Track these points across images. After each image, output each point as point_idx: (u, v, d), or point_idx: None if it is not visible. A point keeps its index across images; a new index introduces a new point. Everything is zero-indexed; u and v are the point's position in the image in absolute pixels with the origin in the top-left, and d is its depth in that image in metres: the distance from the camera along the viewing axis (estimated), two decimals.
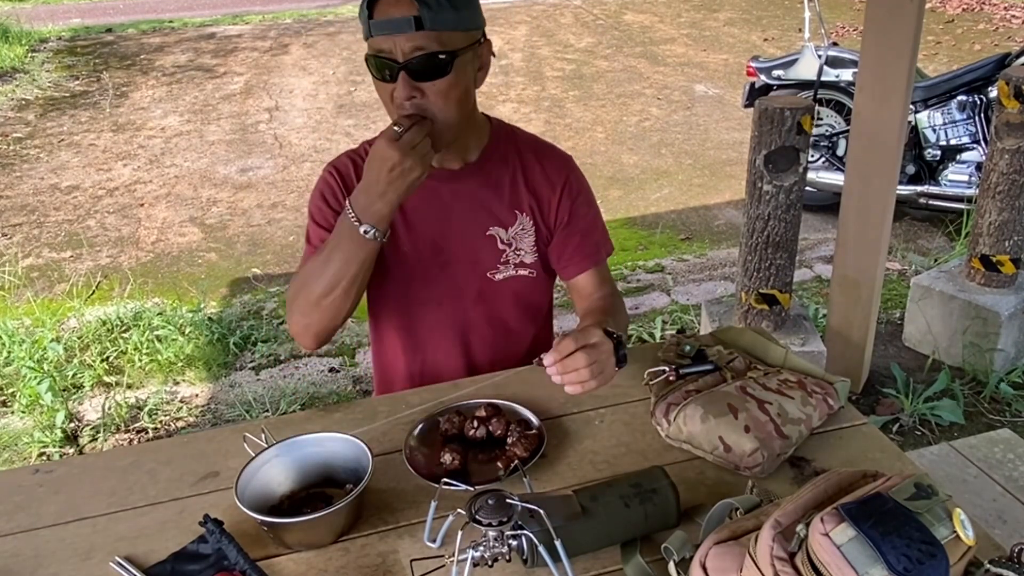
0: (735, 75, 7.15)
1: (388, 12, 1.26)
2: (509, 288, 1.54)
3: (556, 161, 1.54)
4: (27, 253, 4.48)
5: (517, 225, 1.51)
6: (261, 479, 1.17)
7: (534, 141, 1.56)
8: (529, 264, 1.54)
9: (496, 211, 1.50)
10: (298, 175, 5.40)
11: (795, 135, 2.57)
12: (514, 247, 1.52)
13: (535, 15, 9.86)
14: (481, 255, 1.51)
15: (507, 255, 1.52)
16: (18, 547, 1.17)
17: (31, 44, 8.91)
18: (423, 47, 1.27)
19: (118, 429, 2.96)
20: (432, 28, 1.26)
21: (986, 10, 8.94)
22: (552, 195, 1.51)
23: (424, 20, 1.25)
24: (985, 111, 3.99)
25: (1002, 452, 2.61)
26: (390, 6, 1.26)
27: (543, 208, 1.52)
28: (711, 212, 4.75)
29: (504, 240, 1.51)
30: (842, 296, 2.86)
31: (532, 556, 1.02)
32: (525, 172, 1.51)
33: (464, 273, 1.52)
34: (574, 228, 1.53)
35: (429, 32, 1.26)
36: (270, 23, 9.89)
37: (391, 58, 1.28)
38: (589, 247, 1.55)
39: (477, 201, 1.49)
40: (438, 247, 1.50)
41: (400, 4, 1.25)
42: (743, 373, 1.37)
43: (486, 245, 1.50)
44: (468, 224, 1.50)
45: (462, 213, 1.49)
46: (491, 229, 1.50)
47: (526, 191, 1.50)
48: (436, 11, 1.26)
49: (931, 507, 0.88)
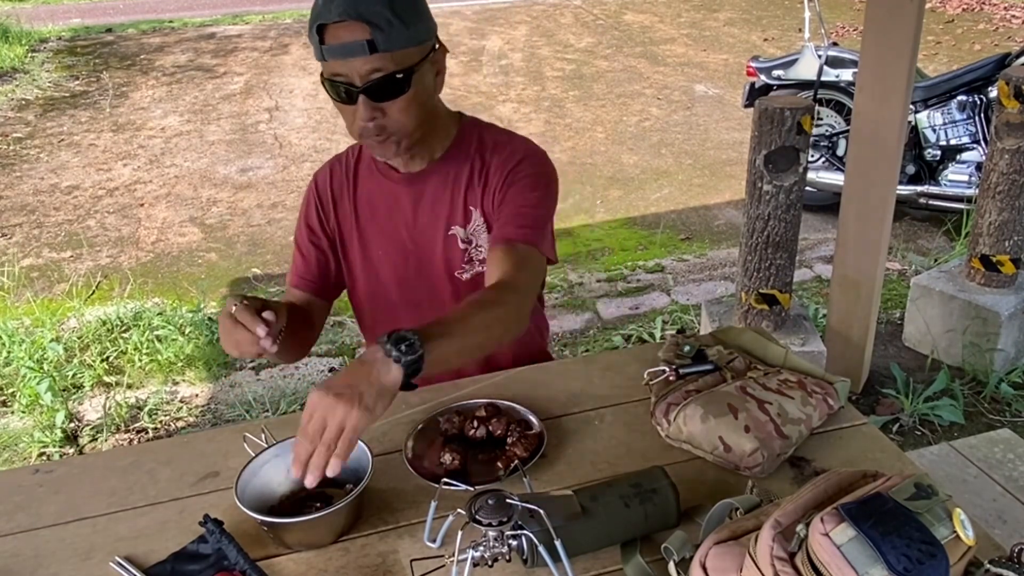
0: (735, 75, 7.15)
1: (340, 37, 1.25)
2: (478, 286, 1.50)
3: (510, 149, 1.47)
4: (27, 253, 4.48)
5: (473, 222, 1.49)
6: (261, 479, 1.17)
7: (499, 134, 1.51)
8: None
9: (454, 209, 1.49)
10: (298, 175, 5.40)
11: (795, 135, 2.57)
12: (474, 244, 1.50)
13: (535, 15, 9.86)
14: (447, 255, 1.51)
15: (469, 253, 1.50)
16: (18, 547, 1.17)
17: (31, 44, 8.90)
18: (380, 69, 1.26)
19: (118, 429, 2.96)
20: (386, 49, 1.25)
21: (986, 10, 8.93)
22: (498, 178, 1.45)
23: (377, 43, 1.24)
24: (985, 111, 3.99)
25: (1002, 452, 2.61)
26: (341, 30, 1.24)
27: (487, 194, 1.46)
28: (711, 212, 4.75)
29: (463, 238, 1.50)
30: (842, 296, 2.86)
31: (532, 556, 1.02)
32: (483, 164, 1.47)
33: (437, 274, 1.52)
34: (505, 206, 1.43)
35: (383, 54, 1.25)
36: (270, 23, 9.89)
37: (348, 82, 1.27)
38: (511, 224, 1.40)
39: (437, 200, 1.49)
40: (408, 250, 1.52)
41: (351, 28, 1.24)
42: (743, 373, 1.37)
43: (449, 245, 1.50)
44: (431, 225, 1.50)
45: (425, 214, 1.49)
46: (452, 228, 1.49)
47: (479, 184, 1.47)
48: (388, 32, 1.24)
49: (931, 507, 0.88)
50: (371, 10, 1.23)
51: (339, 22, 1.24)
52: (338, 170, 1.56)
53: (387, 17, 1.24)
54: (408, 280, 1.53)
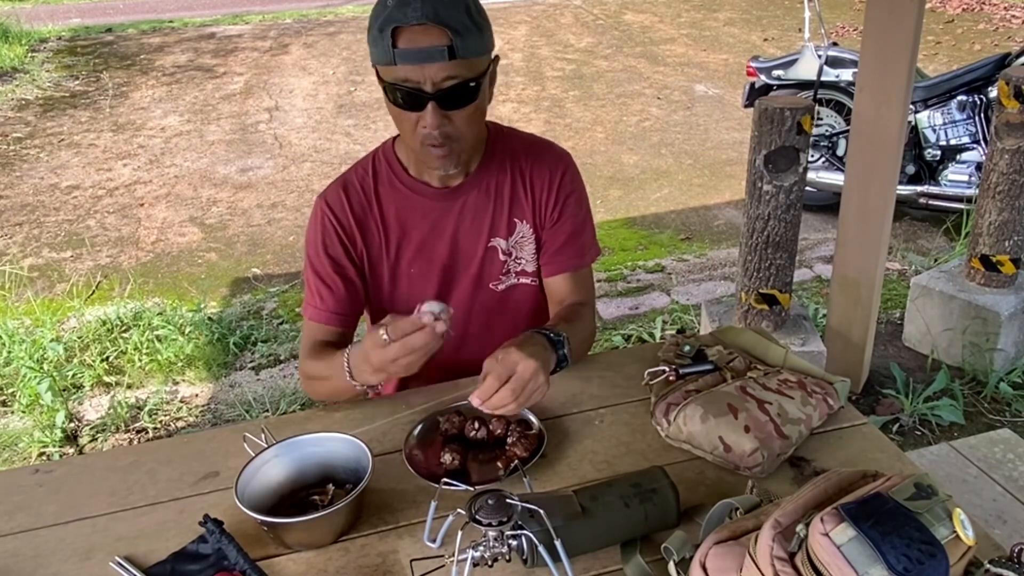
0: (735, 75, 7.15)
1: (417, 41, 1.21)
2: (512, 297, 1.53)
3: (551, 159, 1.50)
4: (27, 253, 4.48)
5: (517, 234, 1.49)
6: (261, 479, 1.17)
7: (529, 141, 1.53)
8: (531, 273, 1.53)
9: (496, 221, 1.48)
10: (298, 175, 5.40)
11: (795, 135, 2.57)
12: (514, 256, 1.50)
13: (535, 15, 9.86)
14: (484, 267, 1.50)
15: (508, 265, 1.51)
16: (18, 547, 1.17)
17: (31, 44, 8.91)
18: (455, 76, 1.24)
19: (118, 429, 2.96)
20: (464, 56, 1.23)
21: (986, 10, 8.94)
22: (547, 193, 1.48)
23: (457, 49, 1.21)
24: (985, 111, 3.99)
25: (1002, 452, 2.61)
26: (419, 35, 1.21)
27: (538, 209, 1.49)
28: (711, 212, 4.75)
29: (504, 250, 1.49)
30: (842, 296, 2.86)
31: (532, 556, 1.02)
32: (523, 176, 1.48)
33: (468, 286, 1.51)
34: (562, 227, 1.49)
35: (461, 60, 1.23)
36: (270, 23, 9.89)
37: (419, 88, 1.24)
38: (573, 249, 1.50)
39: (477, 213, 1.47)
40: (443, 265, 1.49)
41: (430, 33, 1.20)
42: (743, 373, 1.37)
43: (488, 257, 1.49)
44: (470, 238, 1.48)
45: (464, 228, 1.47)
46: (492, 240, 1.48)
47: (524, 196, 1.48)
48: (466, 38, 1.22)
49: (931, 507, 0.88)
50: (452, 15, 1.21)
51: (418, 24, 1.20)
52: (354, 193, 1.47)
53: (466, 23, 1.22)
54: (441, 294, 1.51)
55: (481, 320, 1.54)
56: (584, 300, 1.50)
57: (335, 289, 1.45)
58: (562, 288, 1.50)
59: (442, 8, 1.20)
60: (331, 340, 1.46)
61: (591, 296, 1.54)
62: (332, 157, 5.63)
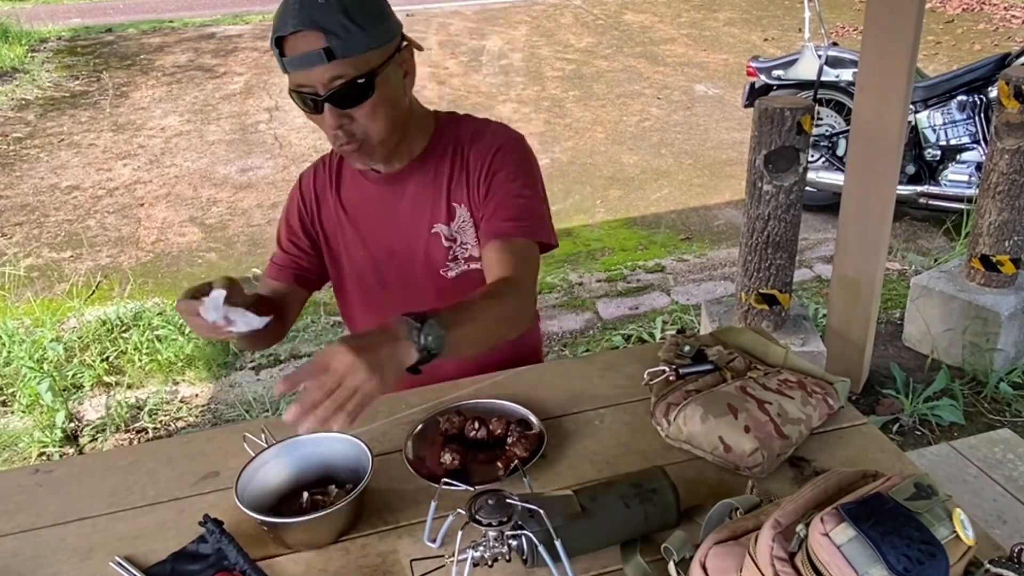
0: (735, 75, 7.15)
1: (298, 47, 1.25)
2: (466, 285, 1.50)
3: (488, 140, 1.47)
4: (27, 253, 4.48)
5: (458, 218, 1.48)
6: (261, 479, 1.17)
7: (475, 125, 1.50)
8: (478, 258, 1.49)
9: (436, 207, 1.48)
10: (298, 175, 5.39)
11: (795, 135, 2.57)
12: (459, 241, 1.49)
13: (535, 15, 9.86)
14: (431, 254, 1.50)
15: (454, 251, 1.50)
16: (18, 547, 1.17)
17: (31, 44, 8.91)
18: (340, 75, 1.26)
19: (118, 429, 2.96)
20: (345, 55, 1.24)
21: (986, 10, 8.93)
22: (478, 172, 1.45)
23: (335, 50, 1.23)
24: (985, 111, 3.99)
25: (1002, 452, 2.61)
26: (299, 40, 1.24)
27: (471, 189, 1.46)
28: (711, 212, 4.75)
29: (447, 236, 1.49)
30: (842, 296, 2.86)
31: (532, 556, 1.02)
32: (463, 159, 1.47)
33: (421, 274, 1.52)
34: (491, 199, 1.44)
35: (343, 60, 1.25)
36: (270, 23, 9.88)
37: (312, 92, 1.27)
38: (500, 218, 1.41)
39: (418, 199, 1.48)
40: (392, 251, 1.51)
41: (307, 38, 1.23)
42: (743, 373, 1.37)
43: (433, 243, 1.49)
44: (414, 224, 1.49)
45: (407, 214, 1.49)
46: (435, 226, 1.49)
47: (462, 180, 1.47)
48: (345, 38, 1.24)
49: (931, 507, 0.88)
50: (326, 18, 1.23)
51: (295, 32, 1.24)
52: (322, 171, 1.57)
53: (342, 23, 1.24)
54: (393, 280, 1.53)
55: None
56: (509, 275, 1.32)
57: (287, 252, 1.57)
58: (489, 260, 1.38)
59: (316, 13, 1.23)
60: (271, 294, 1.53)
61: (523, 272, 1.35)
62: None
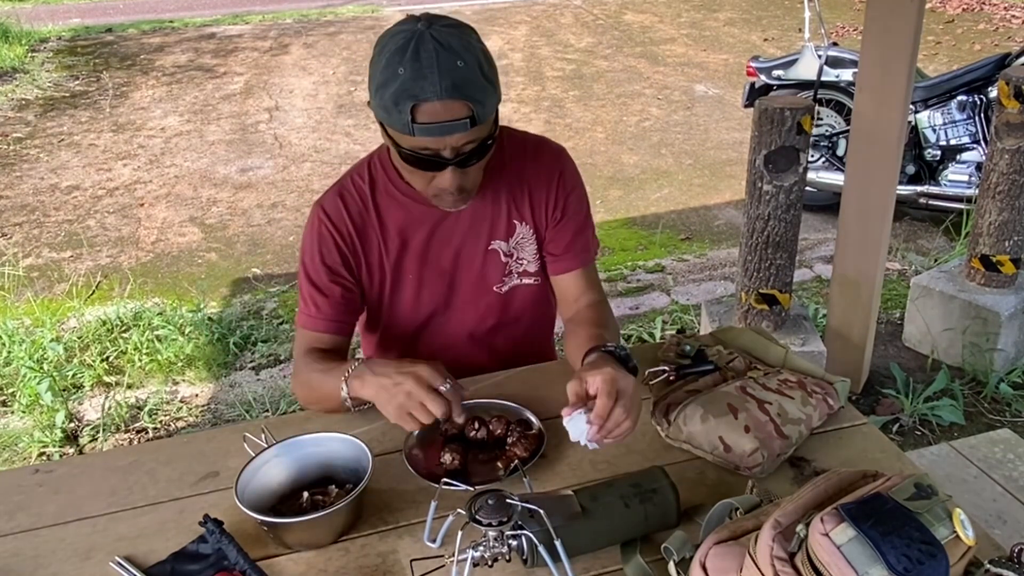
0: (735, 75, 7.15)
1: (438, 115, 1.18)
2: (515, 298, 1.53)
3: (548, 156, 1.50)
4: (27, 253, 4.48)
5: (517, 235, 1.49)
6: (261, 479, 1.17)
7: (524, 140, 1.51)
8: (533, 272, 1.53)
9: (495, 225, 1.48)
10: (298, 175, 5.40)
11: (795, 135, 2.57)
12: (515, 257, 1.50)
13: (535, 15, 9.85)
14: (486, 270, 1.50)
15: (510, 266, 1.51)
16: (18, 547, 1.17)
17: (31, 44, 8.90)
18: (474, 140, 1.23)
19: (118, 429, 2.96)
20: (483, 120, 1.22)
21: (986, 10, 8.93)
22: (546, 191, 1.48)
23: (478, 117, 1.20)
24: (985, 111, 3.99)
25: (1002, 452, 2.61)
26: (440, 110, 1.17)
27: (537, 208, 1.49)
28: (711, 212, 4.75)
29: (506, 252, 1.50)
30: (842, 296, 2.86)
31: (532, 556, 1.02)
32: (520, 176, 1.47)
33: (472, 291, 1.51)
34: (566, 224, 1.50)
35: (481, 125, 1.22)
36: (270, 23, 9.88)
37: (437, 155, 1.23)
38: (579, 245, 1.51)
39: (476, 217, 1.47)
40: (445, 272, 1.49)
41: (452, 107, 1.17)
42: (743, 373, 1.37)
43: (490, 260, 1.49)
44: (471, 244, 1.48)
45: (464, 234, 1.47)
46: (493, 243, 1.48)
47: (522, 197, 1.48)
48: (484, 103, 1.21)
49: (931, 507, 0.88)
50: (471, 83, 1.18)
51: (437, 100, 1.17)
52: (352, 202, 1.44)
53: (483, 86, 1.20)
54: (443, 299, 1.51)
55: (485, 322, 1.54)
56: (600, 297, 1.51)
57: (331, 297, 1.44)
58: (574, 285, 1.50)
59: (459, 79, 1.17)
60: (326, 348, 1.45)
61: (602, 290, 1.54)
62: (332, 157, 5.63)
